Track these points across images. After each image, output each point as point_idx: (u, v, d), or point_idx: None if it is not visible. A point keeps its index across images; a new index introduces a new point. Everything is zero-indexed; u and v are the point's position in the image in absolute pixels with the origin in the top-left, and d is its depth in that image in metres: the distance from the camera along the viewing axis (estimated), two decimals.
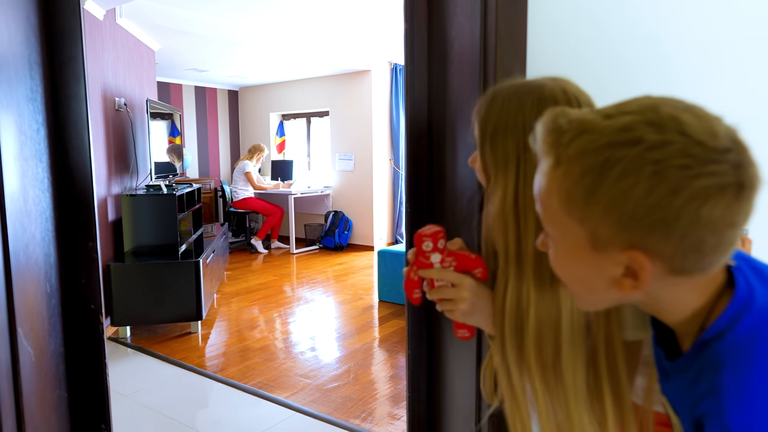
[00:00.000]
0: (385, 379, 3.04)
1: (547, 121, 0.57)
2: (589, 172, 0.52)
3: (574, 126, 0.54)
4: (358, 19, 4.54)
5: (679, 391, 0.61)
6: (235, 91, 7.87)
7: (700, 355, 0.57)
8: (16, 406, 1.03)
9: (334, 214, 6.85)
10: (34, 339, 1.11)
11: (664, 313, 0.60)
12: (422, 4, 1.49)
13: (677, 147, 0.49)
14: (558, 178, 0.55)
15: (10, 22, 1.09)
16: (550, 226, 0.59)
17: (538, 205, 0.60)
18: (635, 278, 0.54)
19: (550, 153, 0.56)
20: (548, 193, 0.56)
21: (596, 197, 0.52)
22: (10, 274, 1.01)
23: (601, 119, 0.53)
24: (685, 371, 0.59)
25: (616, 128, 0.52)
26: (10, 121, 1.06)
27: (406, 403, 1.57)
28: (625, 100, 0.55)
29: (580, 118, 0.55)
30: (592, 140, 0.52)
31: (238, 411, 2.66)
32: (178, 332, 3.75)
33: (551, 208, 0.57)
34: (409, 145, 1.51)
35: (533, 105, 0.77)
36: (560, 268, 0.62)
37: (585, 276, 0.59)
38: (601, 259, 0.55)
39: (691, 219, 0.49)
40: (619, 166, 0.50)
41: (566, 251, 0.59)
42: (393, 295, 4.40)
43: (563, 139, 0.54)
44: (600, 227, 0.53)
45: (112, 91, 3.87)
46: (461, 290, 0.82)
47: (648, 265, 0.52)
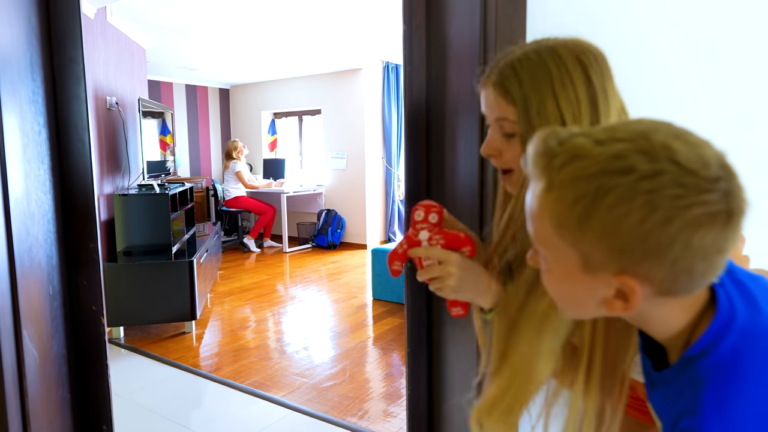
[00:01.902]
0: (381, 377, 3.06)
1: (537, 143, 0.57)
2: (581, 199, 0.52)
3: (566, 150, 0.54)
4: (350, 17, 4.54)
5: (663, 401, 0.63)
6: (227, 90, 7.83)
7: (685, 370, 0.58)
8: (22, 407, 1.03)
9: (326, 212, 6.85)
10: (38, 341, 1.11)
11: (651, 329, 0.62)
12: (421, 5, 1.50)
13: (669, 177, 0.49)
14: (550, 202, 0.55)
15: (13, 25, 1.09)
16: (541, 246, 0.60)
17: (529, 224, 0.60)
18: (625, 300, 0.55)
19: (542, 176, 0.56)
20: (540, 215, 0.57)
21: (588, 224, 0.52)
22: (14, 276, 1.01)
23: (593, 145, 0.53)
24: (669, 384, 0.61)
25: (608, 156, 0.52)
26: (13, 123, 1.06)
27: (406, 400, 1.59)
28: (616, 124, 0.56)
29: (573, 142, 0.55)
30: (584, 166, 0.52)
31: (234, 410, 2.66)
32: (172, 332, 3.74)
33: (543, 230, 0.57)
34: (408, 145, 1.52)
35: (574, 60, 0.74)
36: (551, 286, 0.62)
37: (575, 295, 0.60)
38: (592, 281, 0.56)
39: (683, 247, 0.50)
40: (611, 194, 0.50)
41: (557, 271, 0.59)
42: (387, 293, 4.41)
43: (555, 162, 0.54)
44: (592, 252, 0.54)
45: (103, 90, 3.84)
46: (447, 266, 0.82)
47: (638, 290, 0.53)
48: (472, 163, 1.25)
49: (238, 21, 4.56)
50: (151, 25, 4.33)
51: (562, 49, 0.76)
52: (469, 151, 1.27)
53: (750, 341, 0.56)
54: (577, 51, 0.76)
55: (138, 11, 4.06)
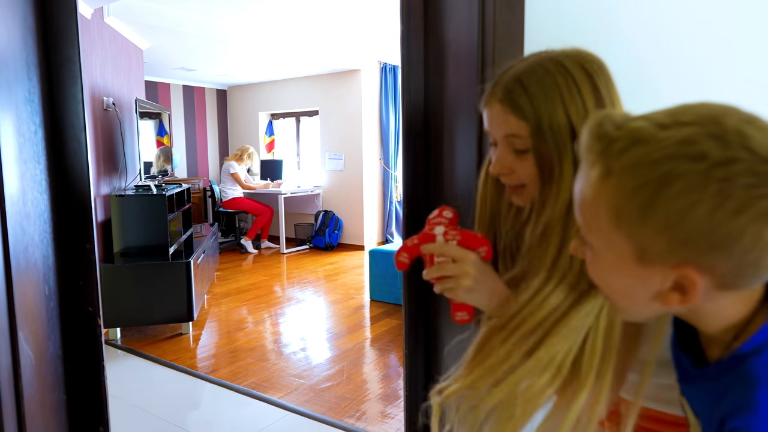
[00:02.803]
0: (378, 378, 3.06)
1: (592, 126, 0.54)
2: (644, 186, 0.49)
3: (626, 134, 0.51)
4: (347, 18, 4.54)
5: (703, 398, 0.60)
6: (224, 90, 7.83)
7: (734, 367, 0.55)
8: (17, 409, 1.03)
9: (324, 213, 6.85)
10: (33, 342, 1.11)
11: (700, 322, 0.59)
12: (418, 6, 1.50)
13: (743, 165, 0.46)
14: (608, 189, 0.51)
15: (9, 24, 1.09)
16: (592, 236, 0.56)
17: (578, 214, 0.57)
18: (683, 293, 0.52)
19: (598, 162, 0.52)
20: (595, 204, 0.53)
21: (651, 213, 0.49)
22: (10, 276, 1.01)
23: (656, 129, 0.50)
24: (713, 381, 0.58)
25: (675, 140, 0.48)
26: (9, 123, 1.05)
27: (403, 402, 1.59)
28: (677, 107, 0.52)
29: (632, 126, 0.51)
30: (648, 152, 0.49)
31: (232, 412, 2.66)
32: (169, 333, 3.73)
33: (596, 220, 0.54)
34: (405, 147, 1.52)
35: (580, 70, 0.73)
36: (599, 278, 0.59)
37: (626, 288, 0.56)
38: (646, 273, 0.53)
39: (753, 239, 0.47)
40: (680, 182, 0.47)
41: (608, 263, 0.56)
42: (384, 294, 4.41)
43: (614, 147, 0.51)
44: (651, 243, 0.50)
45: (100, 90, 3.83)
46: (464, 265, 0.78)
47: (699, 282, 0.50)
48: (469, 164, 1.25)
49: (235, 22, 4.56)
50: (148, 26, 4.32)
51: (566, 59, 0.75)
52: (466, 152, 1.27)
53: None
54: (580, 60, 0.75)
55: (135, 12, 4.06)
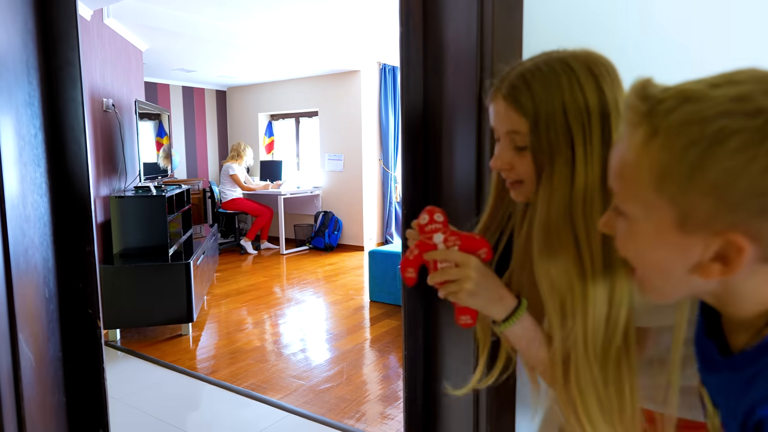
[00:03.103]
0: (378, 379, 3.06)
1: (638, 88, 0.51)
2: (695, 144, 0.46)
3: (674, 94, 0.49)
4: (347, 19, 4.54)
5: (727, 388, 0.57)
6: (223, 91, 7.83)
7: (765, 355, 0.52)
8: (17, 411, 1.03)
9: (323, 214, 6.85)
10: (33, 344, 1.11)
11: (734, 306, 0.55)
12: (417, 8, 1.50)
13: None
14: (654, 150, 0.48)
15: (9, 27, 1.09)
16: (629, 203, 0.53)
17: (614, 181, 0.54)
18: (725, 264, 0.49)
19: (643, 122, 0.49)
20: (637, 167, 0.50)
21: (701, 173, 0.46)
22: (10, 279, 1.01)
23: (708, 88, 0.47)
24: (741, 369, 0.55)
25: (730, 97, 0.46)
26: (9, 126, 1.06)
27: (403, 404, 1.59)
28: (725, 72, 0.50)
29: (680, 88, 0.49)
30: (700, 109, 0.46)
31: (232, 413, 2.66)
32: (168, 335, 3.73)
33: (637, 184, 0.51)
34: (405, 148, 1.52)
35: (586, 71, 0.74)
36: (633, 250, 0.56)
37: (663, 260, 0.53)
38: (687, 241, 0.50)
39: None
40: (735, 138, 0.44)
41: (645, 233, 0.53)
42: (384, 295, 4.41)
43: (661, 107, 0.48)
44: (697, 206, 0.47)
45: (99, 91, 3.83)
46: (467, 269, 0.78)
47: (747, 249, 0.47)
48: (469, 164, 1.26)
49: (235, 23, 4.56)
50: (147, 27, 4.33)
51: (573, 60, 0.75)
52: (466, 152, 1.27)
53: None
54: (588, 62, 0.75)
55: (134, 13, 4.06)
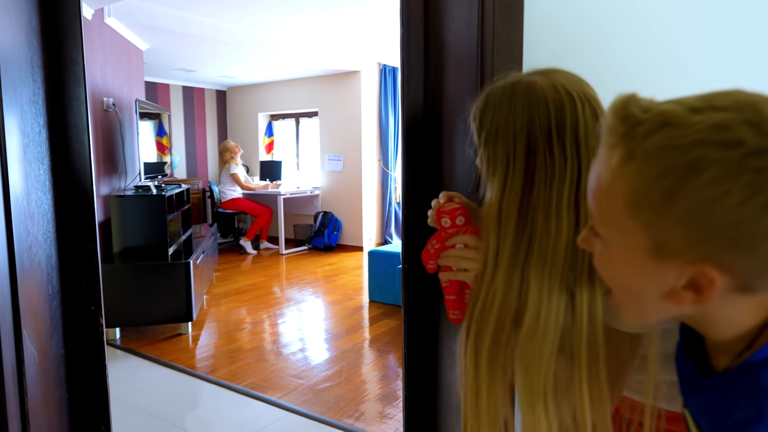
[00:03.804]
0: (377, 378, 3.07)
1: (617, 107, 0.50)
2: (670, 172, 0.45)
3: (653, 116, 0.47)
4: (347, 20, 4.56)
5: (708, 409, 0.57)
6: (223, 91, 7.84)
7: (744, 378, 0.51)
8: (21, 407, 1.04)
9: (323, 214, 6.86)
10: (37, 341, 1.12)
11: (711, 329, 0.55)
12: (418, 9, 1.51)
13: None
14: (628, 175, 0.48)
15: (14, 26, 1.10)
16: (604, 227, 0.53)
17: (591, 201, 0.53)
18: (698, 293, 0.48)
19: (620, 145, 0.48)
20: (611, 191, 0.49)
21: (673, 203, 0.45)
22: (15, 275, 1.02)
23: (688, 112, 0.46)
24: (720, 392, 0.54)
25: (709, 125, 0.44)
26: (14, 123, 1.07)
27: (402, 402, 1.60)
28: (710, 93, 0.48)
29: (660, 110, 0.48)
30: (677, 136, 0.45)
31: (231, 412, 2.66)
32: (168, 334, 3.74)
33: (611, 208, 0.50)
34: (405, 148, 1.53)
35: (523, 110, 0.77)
36: (608, 273, 0.55)
37: (636, 285, 0.53)
38: (660, 268, 0.49)
39: None
40: (711, 170, 0.43)
41: (619, 256, 0.52)
42: (383, 295, 4.42)
43: (639, 130, 0.47)
44: (669, 235, 0.47)
45: (100, 91, 3.84)
46: (481, 252, 0.84)
47: (718, 281, 0.47)
48: (468, 165, 1.27)
49: (235, 23, 4.57)
50: (148, 27, 4.33)
51: (521, 94, 0.79)
52: (465, 153, 1.29)
53: None
54: (533, 98, 0.77)
55: (135, 13, 4.07)
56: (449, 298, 0.93)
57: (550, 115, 0.77)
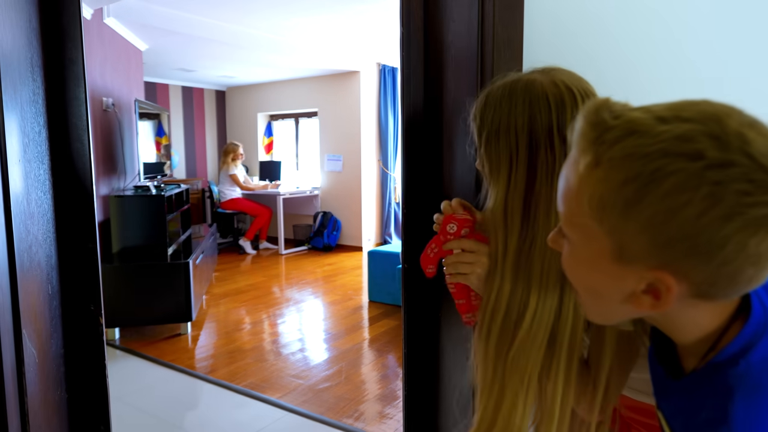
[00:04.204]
0: (377, 378, 3.07)
1: (588, 113, 0.51)
2: (633, 180, 0.46)
3: (622, 124, 0.48)
4: (346, 20, 4.56)
5: (679, 411, 0.58)
6: (223, 92, 7.84)
7: (709, 378, 0.53)
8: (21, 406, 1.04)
9: (322, 214, 6.86)
10: (37, 340, 1.12)
11: (674, 332, 0.57)
12: (418, 9, 1.52)
13: (740, 170, 0.44)
14: (594, 180, 0.49)
15: (14, 25, 1.10)
16: (570, 229, 0.54)
17: (560, 204, 0.55)
18: (656, 298, 0.50)
19: (589, 150, 0.50)
20: (578, 194, 0.51)
21: (636, 210, 0.46)
22: (15, 275, 1.02)
23: (655, 122, 0.47)
24: (689, 393, 0.56)
25: (673, 135, 0.46)
26: (14, 123, 1.07)
27: (402, 402, 1.60)
28: (680, 102, 0.49)
29: (629, 117, 0.49)
30: (642, 144, 0.46)
31: (230, 412, 2.66)
32: (167, 334, 3.73)
33: (577, 211, 0.52)
34: (405, 148, 1.53)
35: (524, 107, 0.77)
36: (573, 273, 0.58)
37: (599, 286, 0.54)
38: (622, 272, 0.51)
39: (737, 249, 0.45)
40: (670, 180, 0.45)
41: (584, 257, 0.54)
42: (383, 295, 4.42)
43: (607, 136, 0.48)
44: (631, 241, 0.48)
45: (99, 91, 3.84)
46: (480, 255, 0.85)
47: (675, 288, 0.48)
48: (469, 165, 1.27)
49: (234, 23, 4.57)
50: (147, 27, 4.33)
51: (521, 91, 0.79)
52: (465, 154, 1.29)
53: None
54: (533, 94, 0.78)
55: (134, 13, 4.07)
56: (459, 302, 0.93)
57: (551, 111, 0.77)
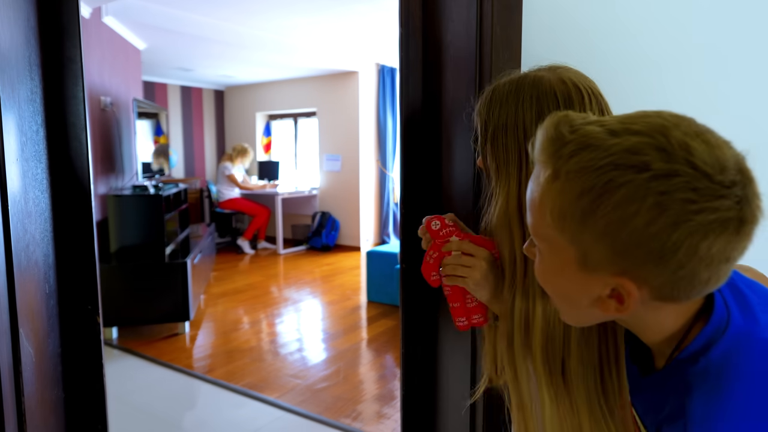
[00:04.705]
0: (374, 378, 3.07)
1: (548, 127, 0.54)
2: (587, 192, 0.49)
3: (578, 138, 0.51)
4: (345, 20, 4.56)
5: (648, 406, 0.61)
6: (221, 91, 7.83)
7: (672, 375, 0.56)
8: (18, 406, 1.04)
9: (321, 214, 6.86)
10: (34, 339, 1.12)
11: (642, 332, 0.60)
12: (417, 10, 1.52)
13: (683, 179, 0.46)
14: (554, 192, 0.52)
15: (12, 24, 1.10)
16: (538, 238, 0.57)
17: (528, 215, 0.58)
18: (620, 302, 0.53)
19: (548, 164, 0.53)
20: (541, 205, 0.54)
21: (592, 220, 0.49)
22: (12, 274, 1.02)
23: (607, 135, 0.50)
24: (656, 389, 0.59)
25: (622, 148, 0.48)
26: (12, 122, 1.06)
27: (400, 402, 1.60)
28: (632, 114, 0.52)
29: (585, 131, 0.51)
30: (595, 158, 0.49)
31: (228, 412, 2.66)
32: (165, 333, 3.73)
33: (542, 222, 0.54)
34: (404, 149, 1.53)
35: (532, 102, 0.77)
36: (544, 280, 0.60)
37: (569, 292, 0.58)
38: (587, 278, 0.54)
39: (688, 253, 0.47)
40: (620, 191, 0.48)
41: (552, 265, 0.57)
42: (381, 295, 4.42)
43: (564, 150, 0.51)
44: (592, 250, 0.51)
45: (97, 90, 3.83)
46: (479, 259, 0.85)
47: (635, 293, 0.51)
48: (467, 165, 1.27)
49: (233, 23, 4.57)
50: (145, 26, 4.33)
51: (529, 87, 0.79)
52: (464, 154, 1.29)
53: (743, 349, 0.53)
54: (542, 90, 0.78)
55: (133, 12, 4.06)
56: (454, 306, 0.92)
57: (559, 106, 0.76)
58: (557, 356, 0.76)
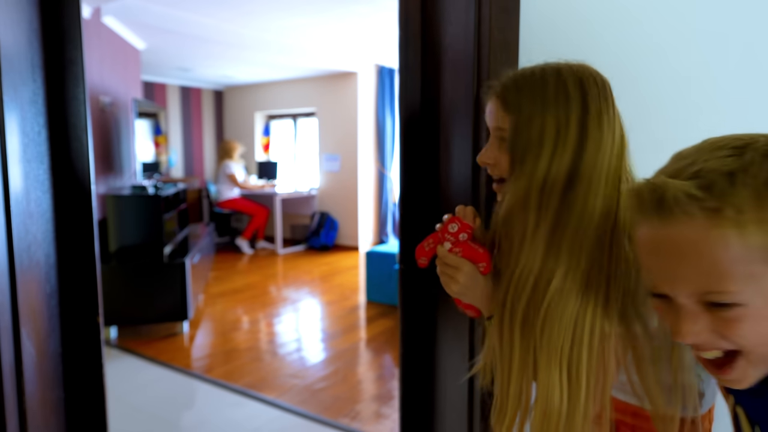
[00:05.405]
0: (373, 378, 3.08)
1: (673, 189, 0.51)
2: None
3: (750, 182, 0.49)
4: (345, 21, 4.57)
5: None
6: (220, 91, 7.84)
7: None
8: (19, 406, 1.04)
9: (320, 214, 6.87)
10: (35, 339, 1.12)
11: None
12: (416, 13, 1.53)
13: None
14: (753, 233, 0.49)
15: (15, 26, 1.11)
16: (745, 293, 0.51)
17: (712, 280, 0.52)
18: None
19: (721, 216, 0.49)
20: (745, 255, 0.49)
21: None
22: (14, 274, 1.02)
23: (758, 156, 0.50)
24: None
25: None
26: (14, 123, 1.07)
27: (399, 402, 1.61)
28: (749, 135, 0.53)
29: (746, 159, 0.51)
30: None
31: (226, 411, 2.67)
32: (164, 333, 3.74)
33: (747, 271, 0.50)
34: (403, 149, 1.54)
35: (575, 82, 0.79)
36: (756, 335, 0.52)
37: None
38: None
39: None
40: None
41: (761, 310, 0.51)
42: (380, 295, 4.43)
43: (735, 190, 0.49)
44: None
45: (97, 90, 3.84)
46: (457, 273, 0.89)
47: None
48: (465, 166, 1.28)
49: (233, 23, 4.58)
50: (145, 26, 4.33)
51: (566, 71, 0.80)
52: (462, 155, 1.30)
53: None
54: (580, 74, 0.80)
55: (132, 12, 4.07)
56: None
57: (599, 91, 0.79)
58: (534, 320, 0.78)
